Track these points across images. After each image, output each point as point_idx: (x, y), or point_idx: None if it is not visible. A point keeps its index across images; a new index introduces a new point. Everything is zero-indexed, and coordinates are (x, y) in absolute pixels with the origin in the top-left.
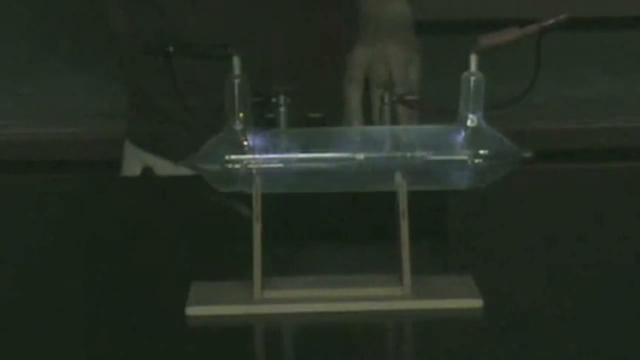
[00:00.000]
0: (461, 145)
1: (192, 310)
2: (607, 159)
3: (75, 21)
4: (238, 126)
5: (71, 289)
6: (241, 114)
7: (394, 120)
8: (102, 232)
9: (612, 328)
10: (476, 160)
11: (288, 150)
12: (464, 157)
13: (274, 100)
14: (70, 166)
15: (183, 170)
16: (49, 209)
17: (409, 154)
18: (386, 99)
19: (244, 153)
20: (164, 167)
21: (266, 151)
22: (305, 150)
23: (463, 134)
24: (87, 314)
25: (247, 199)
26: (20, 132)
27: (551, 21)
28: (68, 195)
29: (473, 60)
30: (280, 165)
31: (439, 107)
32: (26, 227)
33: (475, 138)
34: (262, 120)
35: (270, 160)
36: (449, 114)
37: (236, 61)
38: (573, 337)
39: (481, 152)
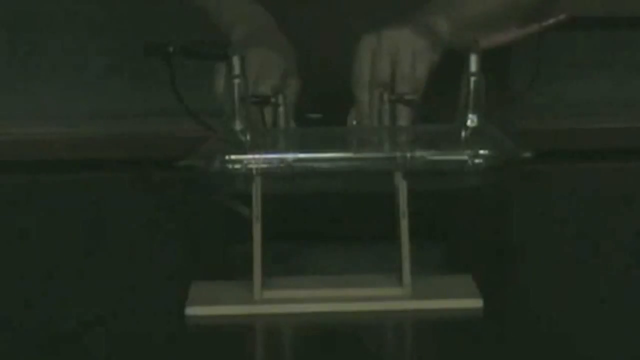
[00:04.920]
0: (461, 145)
1: (192, 310)
2: (607, 159)
3: (75, 21)
4: (238, 126)
5: (71, 288)
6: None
7: (394, 120)
8: (102, 232)
9: (613, 327)
10: (476, 160)
11: (288, 150)
12: (464, 157)
13: (273, 100)
14: (70, 166)
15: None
16: (48, 208)
17: (409, 154)
18: (385, 98)
19: (244, 153)
20: None
21: (266, 151)
22: (305, 150)
23: (463, 134)
24: (87, 314)
25: (247, 199)
26: (20, 132)
27: (551, 21)
28: (68, 195)
29: (473, 60)
30: (280, 165)
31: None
32: (26, 227)
33: (475, 138)
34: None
35: (270, 160)
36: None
37: (236, 61)
38: (573, 337)
39: (481, 152)
